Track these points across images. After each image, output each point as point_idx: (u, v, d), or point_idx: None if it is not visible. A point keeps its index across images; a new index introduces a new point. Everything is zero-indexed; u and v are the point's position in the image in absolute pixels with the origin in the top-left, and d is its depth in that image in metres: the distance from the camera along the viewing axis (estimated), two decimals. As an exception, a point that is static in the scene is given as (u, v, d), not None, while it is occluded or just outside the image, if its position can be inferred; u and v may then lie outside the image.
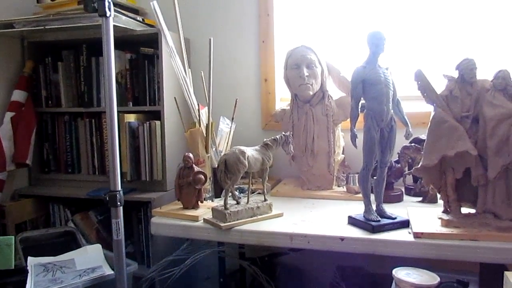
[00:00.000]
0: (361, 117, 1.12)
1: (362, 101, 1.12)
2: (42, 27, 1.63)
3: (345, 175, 1.52)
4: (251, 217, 1.20)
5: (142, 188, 1.70)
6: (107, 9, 1.06)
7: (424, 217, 1.13)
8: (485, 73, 1.08)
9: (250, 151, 1.22)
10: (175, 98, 1.55)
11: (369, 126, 1.09)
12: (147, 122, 1.66)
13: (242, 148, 1.20)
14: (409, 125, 1.16)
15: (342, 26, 1.79)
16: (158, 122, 1.66)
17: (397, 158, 1.43)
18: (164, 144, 1.66)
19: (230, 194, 1.21)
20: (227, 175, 1.18)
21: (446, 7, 1.66)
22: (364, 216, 1.12)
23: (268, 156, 1.25)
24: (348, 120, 1.18)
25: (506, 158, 1.00)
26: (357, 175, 1.33)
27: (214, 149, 1.50)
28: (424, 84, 1.08)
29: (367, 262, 1.49)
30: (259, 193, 1.36)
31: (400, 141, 1.24)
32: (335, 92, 1.58)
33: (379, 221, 1.08)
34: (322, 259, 1.55)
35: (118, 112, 1.14)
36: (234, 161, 1.17)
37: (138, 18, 1.72)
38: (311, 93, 1.50)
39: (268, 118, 1.84)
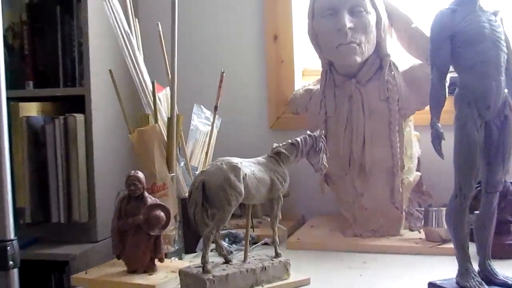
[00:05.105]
0: (449, 103, 1.08)
1: (452, 73, 1.10)
2: None
3: (422, 209, 1.55)
4: (253, 286, 1.19)
5: (53, 236, 1.72)
6: None
7: None
8: None
9: (249, 167, 1.19)
10: (110, 71, 1.50)
11: (464, 118, 1.06)
12: (61, 117, 1.67)
13: (234, 160, 1.17)
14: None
15: None
16: (80, 117, 1.67)
17: (517, 177, 1.41)
18: (92, 156, 1.68)
19: (213, 245, 1.18)
20: (207, 210, 1.16)
21: None
22: (457, 283, 1.10)
23: (282, 175, 1.23)
24: (427, 108, 1.23)
25: None
26: (444, 209, 1.29)
27: (182, 163, 1.53)
28: None
29: None
30: (266, 244, 1.43)
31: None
32: (403, 58, 1.61)
33: (484, 291, 1.05)
34: None
35: (8, 99, 1.20)
36: (220, 184, 1.14)
37: None
38: (358, 59, 1.49)
39: (281, 107, 1.88)
